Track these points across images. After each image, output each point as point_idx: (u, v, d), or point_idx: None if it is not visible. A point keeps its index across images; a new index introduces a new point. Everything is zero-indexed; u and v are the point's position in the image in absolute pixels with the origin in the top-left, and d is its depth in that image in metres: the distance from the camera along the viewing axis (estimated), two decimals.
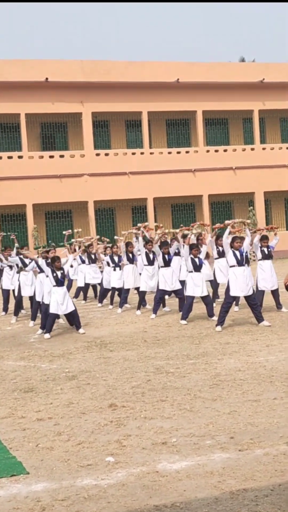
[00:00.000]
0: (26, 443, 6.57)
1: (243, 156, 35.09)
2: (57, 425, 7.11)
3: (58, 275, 13.60)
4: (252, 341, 11.37)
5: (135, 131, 34.57)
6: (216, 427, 6.67)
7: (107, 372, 9.63)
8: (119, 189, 32.70)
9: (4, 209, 31.72)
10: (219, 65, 35.42)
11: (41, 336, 13.60)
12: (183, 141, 35.81)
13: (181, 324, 13.86)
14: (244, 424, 6.69)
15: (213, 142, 36.08)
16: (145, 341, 12.18)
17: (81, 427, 6.98)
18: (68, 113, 32.68)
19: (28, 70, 31.25)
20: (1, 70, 30.79)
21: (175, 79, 33.39)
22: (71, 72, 31.91)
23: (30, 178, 31.32)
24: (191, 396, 7.92)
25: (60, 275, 13.60)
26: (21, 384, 9.25)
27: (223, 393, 7.98)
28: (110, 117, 33.96)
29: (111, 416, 7.29)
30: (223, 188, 34.58)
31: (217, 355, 10.34)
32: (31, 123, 32.14)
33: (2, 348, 12.49)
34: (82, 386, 8.83)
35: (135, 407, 7.60)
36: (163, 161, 33.60)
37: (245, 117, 36.49)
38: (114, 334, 13.24)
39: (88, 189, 32.18)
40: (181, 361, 10.07)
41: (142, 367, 9.77)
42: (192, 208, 35.34)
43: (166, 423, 6.90)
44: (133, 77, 32.76)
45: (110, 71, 32.52)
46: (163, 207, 34.72)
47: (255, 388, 8.10)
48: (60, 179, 31.86)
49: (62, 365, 10.42)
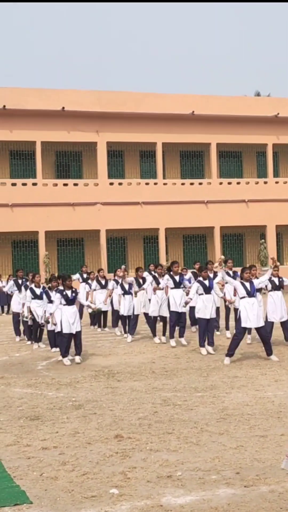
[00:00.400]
0: (30, 472, 6.52)
1: (256, 189, 35.22)
2: (62, 455, 7.06)
3: (68, 294, 13.64)
4: (260, 376, 11.30)
5: (149, 161, 34.81)
6: (222, 461, 6.61)
7: (114, 402, 9.58)
8: (132, 219, 32.84)
9: (17, 235, 31.89)
10: (234, 99, 35.75)
11: (49, 364, 13.58)
12: (197, 172, 35.99)
13: (189, 356, 13.81)
14: (251, 460, 6.63)
15: (227, 174, 36.25)
16: (153, 372, 12.12)
17: (86, 457, 6.94)
18: (83, 142, 32.99)
19: (45, 99, 31.65)
20: (19, 98, 31.19)
21: (191, 111, 33.69)
22: (87, 102, 32.28)
23: (43, 206, 31.52)
24: (198, 430, 7.86)
25: (70, 294, 13.64)
26: (28, 411, 9.21)
27: (230, 427, 7.92)
28: (125, 147, 34.24)
29: (117, 447, 7.24)
30: (235, 221, 34.66)
31: (225, 388, 10.28)
32: (46, 151, 32.45)
33: (9, 374, 12.46)
34: (89, 416, 8.78)
35: (141, 439, 7.54)
36: (176, 192, 33.75)
37: (259, 151, 36.68)
38: (122, 364, 13.19)
39: (100, 217, 32.33)
40: (188, 393, 10.01)
41: (149, 399, 9.72)
42: (204, 240, 35.39)
43: (172, 456, 6.84)
44: (148, 108, 33.08)
45: (126, 102, 32.87)
46: (174, 237, 34.79)
47: (263, 424, 8.03)
48: (73, 207, 32.04)
49: (69, 393, 10.38)
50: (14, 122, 31.35)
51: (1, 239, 31.83)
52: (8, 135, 31.47)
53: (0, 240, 31.88)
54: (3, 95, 30.96)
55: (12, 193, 31.17)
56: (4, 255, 32.00)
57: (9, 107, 30.88)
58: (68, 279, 13.91)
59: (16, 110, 31.11)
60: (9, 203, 30.98)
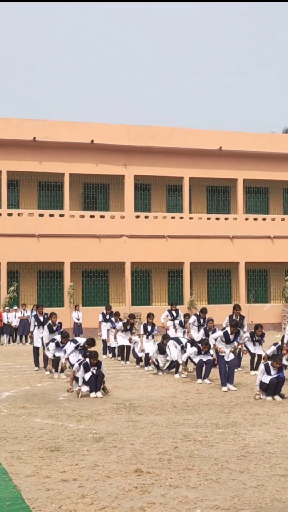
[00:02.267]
0: (49, 504, 6.51)
1: (281, 226, 35.16)
2: (81, 487, 7.05)
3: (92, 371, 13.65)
4: (282, 414, 11.21)
5: (175, 195, 34.99)
6: (242, 500, 6.55)
7: (135, 436, 9.55)
8: (157, 252, 32.92)
9: (43, 265, 32.12)
10: (262, 136, 35.91)
11: (70, 395, 13.60)
12: (223, 207, 36.07)
13: (211, 392, 13.75)
14: (271, 500, 6.56)
15: (253, 210, 36.26)
16: (175, 406, 12.08)
17: (105, 491, 6.91)
18: (111, 175, 33.28)
19: (75, 131, 32.07)
20: (49, 130, 31.65)
21: (218, 147, 33.89)
22: (116, 135, 32.65)
23: (70, 237, 31.76)
24: (218, 467, 7.80)
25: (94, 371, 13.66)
26: (48, 442, 9.22)
27: (250, 465, 7.85)
28: (152, 181, 34.48)
29: (136, 482, 7.21)
30: (260, 256, 34.58)
31: (246, 425, 10.21)
32: (74, 182, 32.78)
33: (31, 404, 12.49)
34: (109, 449, 8.76)
35: (160, 474, 7.51)
36: (201, 227, 33.83)
37: (286, 187, 36.71)
38: (143, 398, 13.16)
39: (126, 250, 32.47)
40: (209, 429, 9.95)
41: (170, 433, 9.68)
42: (228, 275, 35.32)
43: (191, 493, 6.79)
44: (176, 143, 33.36)
45: (155, 136, 33.19)
46: (199, 271, 34.77)
47: (284, 462, 7.96)
48: (99, 239, 32.24)
49: (89, 425, 10.37)
50: (43, 153, 31.78)
51: (27, 269, 32.08)
52: (37, 166, 31.88)
53: (26, 270, 32.12)
54: (33, 127, 31.45)
55: (39, 224, 31.47)
56: (29, 285, 32.21)
57: (39, 139, 31.34)
58: (95, 356, 13.81)
59: (46, 142, 31.56)
60: (36, 234, 31.27)
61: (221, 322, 32.91)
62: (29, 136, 31.21)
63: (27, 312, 28.44)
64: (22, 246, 31.03)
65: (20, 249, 31.00)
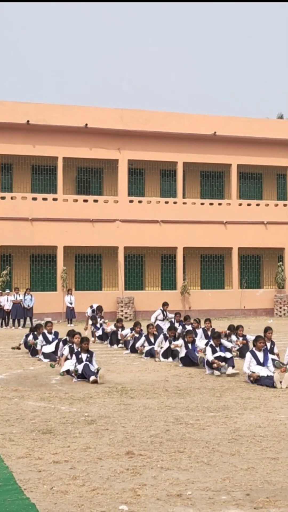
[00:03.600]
0: (40, 485, 6.54)
1: (275, 211, 35.19)
2: (73, 469, 7.08)
3: (83, 357, 13.58)
4: (273, 398, 11.27)
5: (169, 180, 34.93)
6: (232, 482, 6.59)
7: (127, 419, 9.59)
8: (150, 237, 32.91)
9: (36, 249, 32.07)
10: (256, 121, 35.85)
11: (62, 378, 13.62)
12: (217, 193, 36.05)
13: (203, 376, 13.81)
14: (261, 482, 6.61)
15: (246, 196, 36.26)
16: (167, 390, 12.12)
17: (96, 472, 6.95)
18: (104, 159, 33.19)
19: (69, 115, 31.93)
20: (43, 113, 31.50)
21: (212, 132, 33.81)
22: (110, 119, 32.52)
23: (63, 221, 31.69)
24: (209, 449, 7.85)
25: (85, 358, 13.55)
26: (40, 425, 9.25)
27: (241, 448, 7.90)
28: (146, 166, 34.39)
29: (128, 464, 7.25)
30: (253, 242, 34.63)
31: (237, 409, 10.26)
32: (68, 166, 32.68)
33: (23, 387, 12.52)
34: (101, 431, 8.80)
35: (152, 456, 7.55)
36: (195, 212, 33.81)
37: (280, 173, 36.70)
38: (135, 381, 13.20)
39: (119, 235, 32.45)
40: (201, 413, 10.00)
41: (161, 417, 9.72)
42: (222, 260, 35.36)
43: (183, 475, 6.84)
44: (171, 128, 33.26)
45: (149, 120, 33.07)
46: (192, 257, 34.80)
47: (274, 446, 8.01)
48: (92, 223, 32.20)
49: (81, 408, 10.40)
50: (37, 137, 31.63)
51: (20, 253, 32.03)
52: (31, 150, 31.75)
53: (19, 254, 32.08)
54: (27, 110, 31.28)
55: (32, 208, 31.39)
56: (22, 269, 32.18)
57: (33, 122, 31.18)
58: (86, 341, 13.86)
59: (40, 125, 31.41)
60: (29, 217, 31.20)
61: (216, 306, 33.07)
62: (22, 120, 31.05)
63: (19, 296, 28.47)
64: (15, 230, 30.96)
65: (13, 233, 30.94)
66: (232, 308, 33.89)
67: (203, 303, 33.41)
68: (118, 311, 31.40)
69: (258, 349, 13.11)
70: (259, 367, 12.85)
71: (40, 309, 29.64)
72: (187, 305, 33.11)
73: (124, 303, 31.80)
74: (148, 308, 31.12)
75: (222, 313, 33.09)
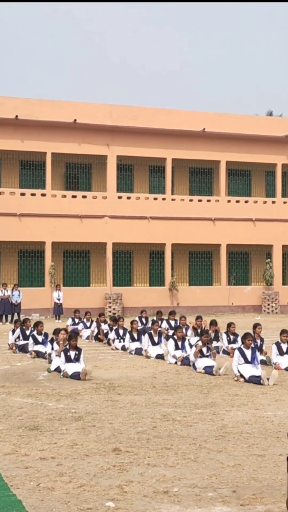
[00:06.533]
0: (27, 482, 6.53)
1: (263, 209, 35.26)
2: (59, 466, 7.07)
3: (71, 355, 13.52)
4: (261, 395, 11.30)
5: (158, 176, 34.91)
6: (219, 479, 6.61)
7: (114, 415, 9.59)
8: (139, 233, 32.89)
9: (24, 245, 31.98)
10: (245, 118, 35.89)
11: (50, 375, 13.60)
12: (205, 189, 36.05)
13: (190, 373, 13.82)
14: (248, 479, 6.62)
15: (235, 192, 36.29)
16: (154, 387, 12.13)
17: (83, 469, 6.94)
18: (93, 155, 33.11)
19: (58, 110, 31.82)
20: (31, 108, 31.37)
21: (201, 129, 33.81)
22: (99, 115, 32.44)
23: (51, 216, 31.61)
24: (196, 446, 7.86)
25: (73, 355, 13.49)
26: (27, 421, 9.22)
27: (228, 445, 7.92)
28: (135, 162, 34.35)
29: (114, 461, 7.25)
30: (242, 239, 34.69)
31: (225, 406, 10.28)
32: (56, 162, 32.58)
33: (10, 384, 12.48)
34: (88, 428, 8.79)
35: (139, 453, 7.55)
36: (184, 208, 33.82)
37: (268, 170, 36.75)
38: (123, 378, 13.20)
39: (107, 231, 32.40)
40: (188, 409, 10.01)
41: (149, 413, 9.72)
42: (210, 257, 35.41)
43: (169, 472, 6.84)
44: (160, 124, 33.22)
45: (138, 116, 33.02)
46: (181, 253, 34.82)
47: (261, 443, 8.03)
48: (80, 219, 32.13)
49: (69, 405, 10.39)
50: (25, 132, 31.50)
51: (8, 248, 31.92)
52: (19, 145, 31.61)
53: (7, 249, 31.97)
54: (15, 105, 31.13)
55: (20, 203, 31.27)
56: (10, 264, 32.07)
57: (21, 117, 31.03)
58: (74, 338, 13.80)
59: (28, 120, 31.27)
60: (17, 213, 31.09)
61: (204, 303, 33.12)
62: (11, 114, 30.91)
63: (7, 291, 28.39)
64: (3, 225, 30.85)
65: (1, 228, 30.82)
66: (220, 304, 33.95)
67: (191, 299, 33.43)
68: (106, 307, 31.36)
69: (246, 347, 13.12)
70: (247, 365, 12.86)
71: (28, 304, 29.56)
72: (175, 302, 33.13)
73: (112, 299, 31.77)
74: (136, 305, 31.13)
75: (210, 310, 33.12)
